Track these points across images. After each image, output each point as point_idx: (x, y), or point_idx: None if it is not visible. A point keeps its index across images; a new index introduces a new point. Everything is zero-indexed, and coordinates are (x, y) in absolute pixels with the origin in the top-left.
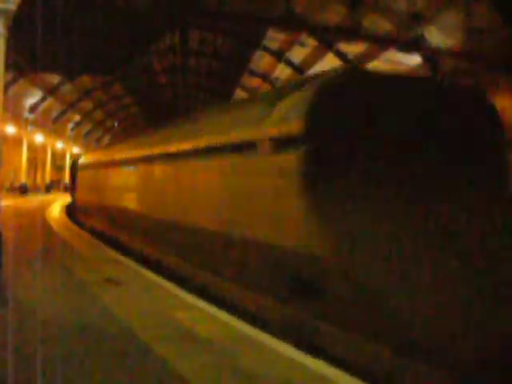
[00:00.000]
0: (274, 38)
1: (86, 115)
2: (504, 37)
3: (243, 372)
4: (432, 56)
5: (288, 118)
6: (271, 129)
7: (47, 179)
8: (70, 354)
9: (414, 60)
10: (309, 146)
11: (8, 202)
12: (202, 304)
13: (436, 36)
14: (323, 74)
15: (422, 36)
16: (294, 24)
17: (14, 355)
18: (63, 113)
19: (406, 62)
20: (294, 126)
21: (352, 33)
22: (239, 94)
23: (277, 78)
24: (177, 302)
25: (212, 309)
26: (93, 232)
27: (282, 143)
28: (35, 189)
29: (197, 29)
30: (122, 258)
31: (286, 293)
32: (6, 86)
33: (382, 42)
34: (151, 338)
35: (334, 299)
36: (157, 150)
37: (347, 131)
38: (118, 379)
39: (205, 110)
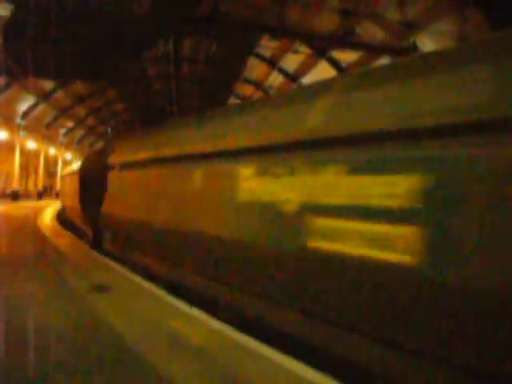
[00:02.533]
0: (268, 45)
1: (79, 121)
2: None
3: (235, 380)
4: None
5: (78, 167)
6: None
7: (39, 185)
8: (60, 362)
9: None
10: (80, 175)
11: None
12: (194, 311)
13: (428, 44)
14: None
15: (414, 44)
16: (288, 32)
17: (2, 364)
18: (56, 119)
19: None
20: (78, 170)
21: (345, 41)
22: (233, 102)
23: (270, 86)
24: (169, 308)
25: (204, 316)
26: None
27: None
28: (27, 195)
29: (190, 36)
30: (113, 265)
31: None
32: None
33: (375, 50)
34: (142, 345)
35: None
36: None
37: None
38: None
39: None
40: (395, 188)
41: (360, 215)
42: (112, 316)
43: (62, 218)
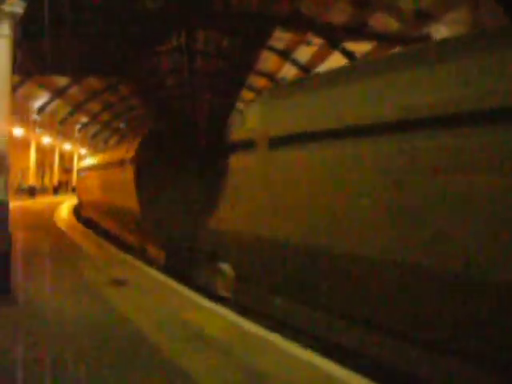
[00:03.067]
0: (281, 37)
1: (94, 117)
2: None
3: (252, 372)
4: None
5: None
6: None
7: (55, 181)
8: (79, 354)
9: None
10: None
11: (17, 203)
12: (209, 304)
13: (443, 34)
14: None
15: (429, 34)
16: (301, 23)
17: (23, 356)
18: (70, 114)
19: None
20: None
21: (358, 31)
22: (246, 94)
23: (283, 78)
24: (185, 301)
25: (220, 309)
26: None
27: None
28: (43, 190)
29: (203, 29)
30: (130, 258)
31: None
32: (14, 88)
33: (389, 41)
34: (160, 338)
35: None
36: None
37: (153, 155)
38: (127, 380)
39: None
40: None
41: None
42: (128, 309)
43: (78, 214)
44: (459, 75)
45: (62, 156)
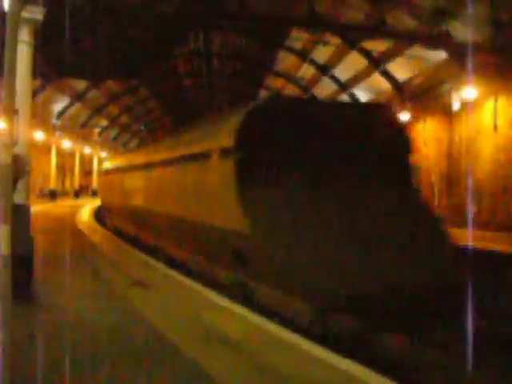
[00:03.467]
0: (298, 37)
1: (113, 120)
2: None
3: (272, 373)
4: (457, 51)
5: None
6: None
7: (76, 184)
8: (100, 355)
9: (439, 56)
10: (237, 154)
11: (38, 207)
12: (230, 305)
13: (461, 31)
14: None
15: (447, 31)
16: (318, 23)
17: (43, 355)
18: (90, 118)
19: (431, 58)
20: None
21: (376, 30)
22: (263, 95)
23: (302, 78)
24: (205, 302)
25: (241, 309)
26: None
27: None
28: (64, 194)
29: (220, 31)
30: (150, 260)
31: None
32: (34, 93)
33: (407, 39)
34: (180, 339)
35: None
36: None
37: (268, 143)
38: (149, 380)
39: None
40: None
41: None
42: (149, 310)
43: (99, 217)
44: None
45: (82, 159)
